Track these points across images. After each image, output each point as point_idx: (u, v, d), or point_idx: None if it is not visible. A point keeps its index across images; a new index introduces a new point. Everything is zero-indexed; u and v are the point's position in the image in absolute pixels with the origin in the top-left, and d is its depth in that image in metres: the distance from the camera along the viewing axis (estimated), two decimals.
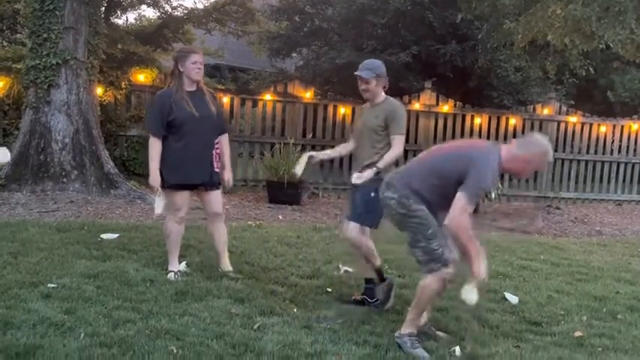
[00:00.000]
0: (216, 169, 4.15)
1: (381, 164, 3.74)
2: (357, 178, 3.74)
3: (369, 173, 3.72)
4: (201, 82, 4.11)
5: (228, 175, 4.27)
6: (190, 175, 4.04)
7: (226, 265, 4.30)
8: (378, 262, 3.91)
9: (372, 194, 3.59)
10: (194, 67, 3.98)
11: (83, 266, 4.18)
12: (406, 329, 3.22)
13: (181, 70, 3.99)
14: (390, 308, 3.86)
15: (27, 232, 5.05)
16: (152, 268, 4.26)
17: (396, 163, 3.89)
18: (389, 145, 3.81)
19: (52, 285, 3.72)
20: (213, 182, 4.14)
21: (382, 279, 3.94)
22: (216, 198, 4.20)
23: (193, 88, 4.04)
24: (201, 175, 4.07)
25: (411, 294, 4.16)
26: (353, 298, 3.98)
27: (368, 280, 3.95)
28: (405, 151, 10.38)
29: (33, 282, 3.75)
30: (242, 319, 3.46)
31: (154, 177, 3.99)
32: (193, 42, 12.00)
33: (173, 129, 3.97)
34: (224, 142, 4.24)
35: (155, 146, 3.99)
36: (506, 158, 3.15)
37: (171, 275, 4.10)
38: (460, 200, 2.99)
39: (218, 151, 4.16)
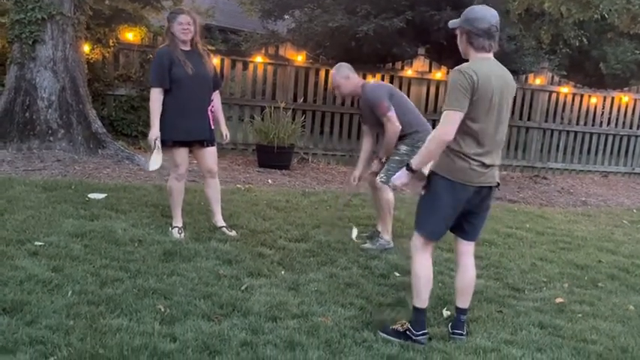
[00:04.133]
0: (212, 127, 4.27)
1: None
2: None
3: None
4: (198, 41, 4.19)
5: (225, 130, 4.44)
6: (189, 132, 4.15)
7: (220, 220, 4.45)
8: None
9: None
10: (180, 28, 4.07)
11: (70, 225, 4.16)
12: None
13: (172, 30, 4.13)
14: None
15: (13, 189, 4.99)
16: (140, 228, 4.26)
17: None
18: None
19: (39, 243, 3.71)
20: (210, 139, 4.26)
21: None
22: (211, 155, 4.32)
23: (188, 48, 4.15)
24: (199, 132, 4.18)
25: (396, 259, 4.23)
26: None
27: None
28: None
29: (20, 240, 3.73)
30: (230, 280, 3.48)
31: (154, 131, 4.03)
32: (183, 1, 11.69)
33: (171, 86, 4.06)
34: (217, 97, 4.36)
35: (156, 99, 4.04)
36: None
37: (175, 231, 4.22)
38: None
39: (212, 109, 4.28)
